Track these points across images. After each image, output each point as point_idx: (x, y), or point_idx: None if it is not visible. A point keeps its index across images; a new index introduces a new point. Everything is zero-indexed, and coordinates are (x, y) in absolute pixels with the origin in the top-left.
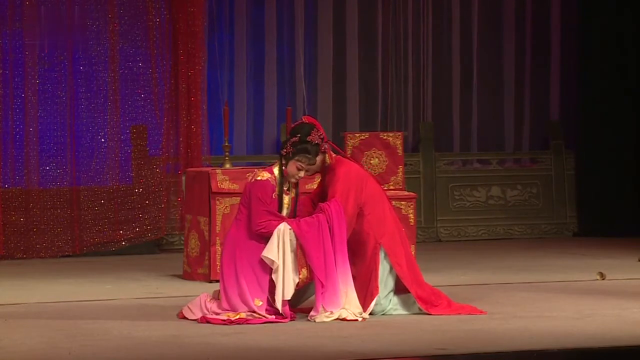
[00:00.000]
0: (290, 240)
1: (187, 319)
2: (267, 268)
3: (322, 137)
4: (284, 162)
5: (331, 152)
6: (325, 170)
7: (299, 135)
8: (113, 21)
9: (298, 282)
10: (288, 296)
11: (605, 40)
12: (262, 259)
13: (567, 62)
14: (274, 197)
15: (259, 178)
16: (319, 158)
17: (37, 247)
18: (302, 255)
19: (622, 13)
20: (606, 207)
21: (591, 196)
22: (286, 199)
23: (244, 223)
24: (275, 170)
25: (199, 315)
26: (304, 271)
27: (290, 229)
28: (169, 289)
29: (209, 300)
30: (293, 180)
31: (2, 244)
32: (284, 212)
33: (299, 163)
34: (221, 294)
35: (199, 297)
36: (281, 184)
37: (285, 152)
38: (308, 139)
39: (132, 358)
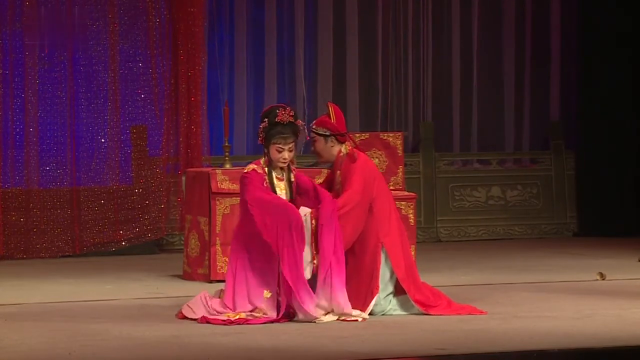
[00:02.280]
0: (307, 227)
1: (187, 318)
2: (275, 260)
3: (292, 114)
4: (265, 150)
5: (350, 144)
6: (341, 160)
7: (266, 119)
8: (113, 21)
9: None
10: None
11: (605, 40)
12: (268, 252)
13: (567, 62)
14: (265, 185)
15: (245, 171)
16: (334, 148)
17: (37, 247)
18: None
19: (622, 13)
20: (606, 207)
21: (591, 196)
22: (281, 185)
23: (243, 220)
24: (262, 162)
25: (200, 313)
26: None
27: (309, 214)
28: (169, 289)
29: (209, 297)
30: (280, 164)
31: (2, 244)
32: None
33: (277, 145)
34: (227, 291)
35: (198, 295)
36: (270, 173)
37: (260, 139)
38: (277, 119)
39: (132, 358)
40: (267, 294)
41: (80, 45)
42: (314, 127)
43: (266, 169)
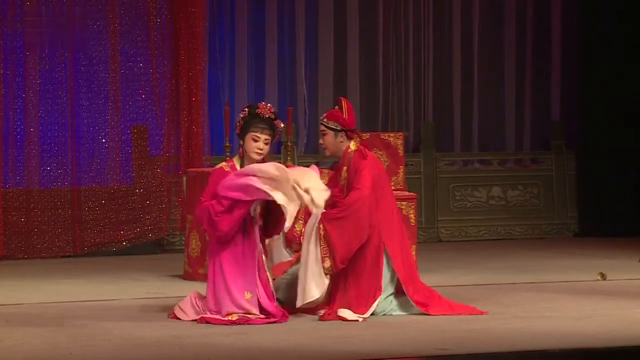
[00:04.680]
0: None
1: (179, 319)
2: (253, 261)
3: (273, 111)
4: (241, 142)
5: (358, 141)
6: (350, 157)
7: (247, 109)
8: (114, 21)
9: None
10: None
11: (606, 40)
12: (246, 252)
13: (568, 63)
14: None
15: (214, 168)
16: (343, 143)
17: (38, 248)
18: (325, 245)
19: (623, 14)
20: (607, 208)
21: (592, 196)
22: None
23: None
24: (236, 158)
25: (191, 313)
26: (328, 261)
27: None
28: (169, 289)
29: (198, 297)
30: (254, 156)
31: (3, 244)
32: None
33: (254, 134)
34: (208, 294)
35: (189, 296)
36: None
37: (238, 129)
38: (257, 111)
39: (132, 358)
40: (247, 295)
41: (81, 45)
42: (324, 120)
43: (238, 165)
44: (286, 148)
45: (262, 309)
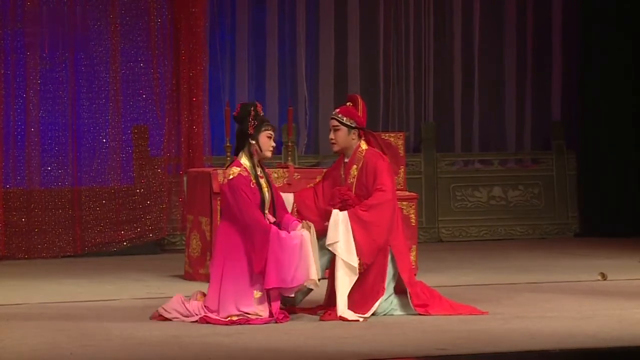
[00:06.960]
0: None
1: (162, 317)
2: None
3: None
4: (252, 141)
5: (368, 139)
6: (360, 156)
7: (252, 109)
8: (115, 21)
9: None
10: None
11: (606, 40)
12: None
13: (569, 63)
14: (252, 186)
15: (230, 177)
16: (354, 141)
17: (38, 248)
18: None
19: (622, 14)
20: (608, 208)
21: (593, 196)
22: (262, 182)
23: (228, 223)
24: (243, 160)
25: (175, 314)
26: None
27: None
28: (170, 289)
29: (186, 300)
30: (268, 153)
31: (4, 244)
32: (266, 196)
33: (268, 132)
34: (211, 293)
35: (173, 298)
36: (254, 169)
37: (252, 129)
38: (259, 110)
39: (133, 358)
40: (257, 293)
41: (82, 45)
42: (339, 115)
43: (249, 166)
44: (287, 148)
45: (272, 305)
